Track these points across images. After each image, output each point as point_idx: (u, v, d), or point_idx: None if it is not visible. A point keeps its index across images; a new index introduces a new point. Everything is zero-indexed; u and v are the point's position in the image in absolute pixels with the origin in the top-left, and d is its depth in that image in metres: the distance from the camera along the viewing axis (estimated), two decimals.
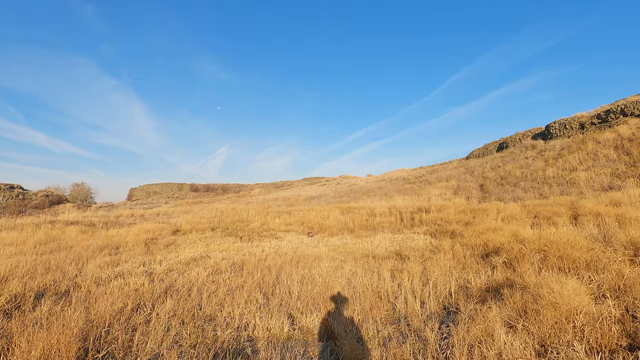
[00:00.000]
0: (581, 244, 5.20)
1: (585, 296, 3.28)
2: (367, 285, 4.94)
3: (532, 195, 13.72)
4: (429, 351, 2.95)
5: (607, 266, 4.44)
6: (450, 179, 21.57)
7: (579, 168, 14.60)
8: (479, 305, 3.77)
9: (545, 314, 3.13)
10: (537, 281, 3.79)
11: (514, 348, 2.73)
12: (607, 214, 7.95)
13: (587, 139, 16.79)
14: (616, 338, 2.80)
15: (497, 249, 6.31)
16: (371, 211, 15.06)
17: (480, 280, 4.72)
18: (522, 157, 19.73)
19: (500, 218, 10.13)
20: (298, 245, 9.57)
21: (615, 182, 11.95)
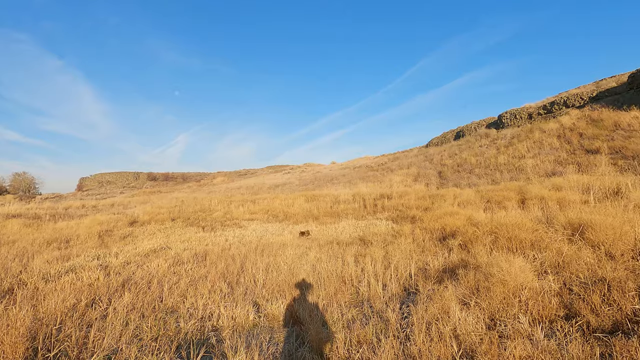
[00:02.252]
0: (527, 226, 5.63)
1: (529, 273, 3.58)
2: (332, 270, 5.04)
3: (486, 181, 14.57)
4: (390, 331, 3.08)
5: (549, 245, 4.85)
6: (411, 166, 22.32)
7: (527, 155, 15.68)
8: (437, 285, 3.99)
9: (495, 290, 3.38)
10: (489, 261, 4.06)
11: (467, 323, 2.92)
12: (550, 197, 8.64)
13: (534, 129, 18.02)
14: (555, 309, 3.09)
15: (453, 232, 6.66)
16: (335, 198, 15.26)
17: (438, 262, 4.97)
18: (477, 145, 20.81)
19: (456, 203, 10.68)
20: (263, 234, 9.52)
21: (558, 169, 13.00)
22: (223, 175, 47.81)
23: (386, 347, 2.71)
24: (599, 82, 20.26)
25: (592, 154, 12.98)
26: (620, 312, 2.84)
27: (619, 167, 11.12)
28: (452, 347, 2.60)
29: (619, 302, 2.94)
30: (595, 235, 4.70)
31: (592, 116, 15.74)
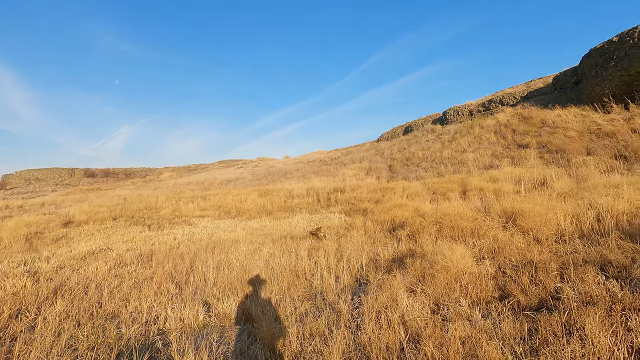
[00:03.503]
0: (468, 215, 6.04)
1: (469, 259, 3.84)
2: (285, 265, 5.02)
3: (432, 174, 15.40)
4: (342, 321, 3.14)
5: (486, 232, 5.25)
6: (363, 160, 22.89)
7: (468, 150, 16.81)
8: (386, 275, 4.14)
9: (439, 277, 3.58)
10: (434, 249, 4.30)
11: (414, 309, 3.07)
12: (487, 188, 9.35)
13: (474, 125, 19.34)
14: (491, 291, 3.36)
15: (402, 223, 6.95)
16: (289, 193, 15.21)
17: (388, 252, 5.16)
18: (424, 140, 21.87)
19: (405, 195, 11.15)
20: (214, 231, 9.21)
21: (495, 162, 14.09)
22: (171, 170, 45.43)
23: (338, 337, 2.76)
24: (529, 83, 22.23)
25: (523, 148, 14.25)
26: (544, 291, 3.16)
27: (545, 160, 12.33)
28: (400, 333, 2.72)
29: (544, 282, 3.27)
30: (525, 222, 5.17)
31: (523, 114, 17.25)
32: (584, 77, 15.58)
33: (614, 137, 11.50)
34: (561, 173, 9.76)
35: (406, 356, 2.46)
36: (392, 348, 2.59)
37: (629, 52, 12.90)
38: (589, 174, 8.91)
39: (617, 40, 13.57)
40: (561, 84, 17.97)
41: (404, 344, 2.60)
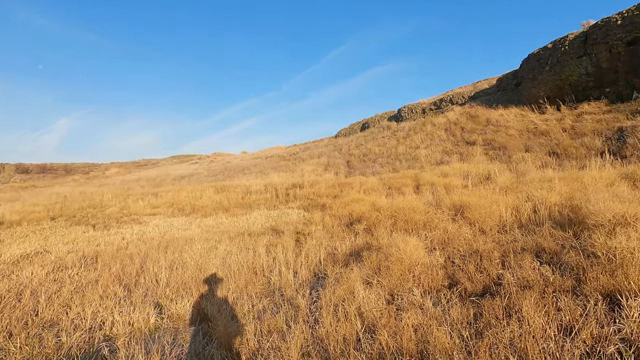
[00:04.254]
0: (421, 209, 6.32)
1: (422, 250, 4.03)
2: (243, 262, 4.93)
3: (387, 170, 15.90)
4: (300, 316, 3.16)
5: (437, 225, 5.54)
6: (322, 156, 23.06)
7: (421, 146, 17.56)
8: (344, 268, 4.22)
9: (393, 268, 3.72)
10: (389, 242, 4.45)
11: (370, 301, 3.16)
12: (438, 183, 9.84)
13: (427, 122, 20.23)
14: (441, 280, 3.55)
15: (359, 217, 7.11)
16: (247, 189, 14.92)
17: (345, 246, 5.26)
18: (380, 136, 22.50)
19: (362, 190, 11.41)
20: (167, 229, 8.80)
21: (445, 158, 14.87)
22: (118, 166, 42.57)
23: (296, 332, 2.76)
24: (476, 84, 23.66)
25: (471, 145, 15.17)
26: (488, 278, 3.40)
27: (490, 156, 13.24)
28: (357, 324, 2.79)
29: (488, 269, 3.52)
30: (472, 214, 5.52)
31: (470, 113, 18.36)
32: (523, 80, 16.89)
33: (548, 135, 12.62)
34: (503, 168, 10.54)
35: (362, 346, 2.53)
36: (349, 339, 2.65)
37: (560, 59, 14.18)
38: (527, 169, 9.71)
39: (551, 47, 14.86)
40: (504, 85, 19.34)
41: (360, 335, 2.66)
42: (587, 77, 13.26)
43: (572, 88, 13.82)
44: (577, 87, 13.66)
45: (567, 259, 3.30)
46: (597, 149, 10.14)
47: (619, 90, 12.32)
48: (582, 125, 11.88)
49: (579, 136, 11.40)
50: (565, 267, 3.20)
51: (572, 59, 13.74)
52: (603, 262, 2.93)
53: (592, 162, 8.59)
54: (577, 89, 13.67)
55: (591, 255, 3.16)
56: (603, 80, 12.85)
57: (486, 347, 2.18)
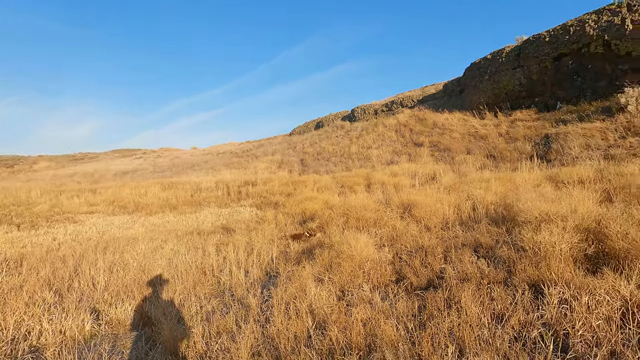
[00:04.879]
0: (371, 207, 6.52)
1: (371, 247, 4.16)
2: (191, 262, 4.73)
3: (341, 168, 16.19)
4: (251, 316, 3.11)
5: (387, 222, 5.75)
6: (276, 153, 22.86)
7: (373, 146, 18.12)
8: (296, 266, 4.22)
9: (344, 265, 3.80)
10: (340, 239, 4.53)
11: (321, 297, 3.20)
12: (388, 182, 10.23)
13: (378, 123, 20.91)
14: (389, 275, 3.70)
15: (312, 215, 7.16)
16: (197, 186, 14.35)
17: (298, 244, 5.27)
18: (334, 135, 22.83)
19: (316, 188, 11.51)
20: (106, 228, 8.17)
21: (395, 158, 15.49)
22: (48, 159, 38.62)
23: (246, 332, 2.72)
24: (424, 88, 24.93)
25: (419, 146, 15.96)
26: (432, 272, 3.61)
27: (435, 157, 14.04)
28: (308, 321, 2.81)
29: (432, 264, 3.73)
30: (418, 212, 5.81)
31: (419, 116, 19.30)
32: (466, 87, 18.12)
33: (487, 139, 13.67)
34: (447, 169, 11.23)
35: (313, 343, 2.55)
36: (300, 337, 2.66)
37: (498, 69, 15.42)
38: (468, 170, 10.45)
39: (490, 58, 16.09)
40: (449, 91, 20.58)
41: (311, 331, 2.69)
42: (521, 87, 14.56)
43: (508, 96, 15.10)
44: (512, 95, 14.95)
45: (500, 253, 3.60)
46: (527, 153, 11.18)
47: (546, 100, 13.70)
48: (515, 131, 13.03)
49: (513, 141, 12.49)
50: (499, 260, 3.49)
51: (508, 70, 15.00)
52: (530, 255, 3.24)
53: (523, 165, 9.47)
54: (512, 97, 14.96)
55: (520, 249, 3.48)
56: (533, 90, 14.19)
57: (428, 337, 2.31)
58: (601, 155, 8.96)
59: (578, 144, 9.94)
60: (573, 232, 3.39)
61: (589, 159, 8.74)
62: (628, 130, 9.55)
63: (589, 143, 9.85)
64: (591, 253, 3.21)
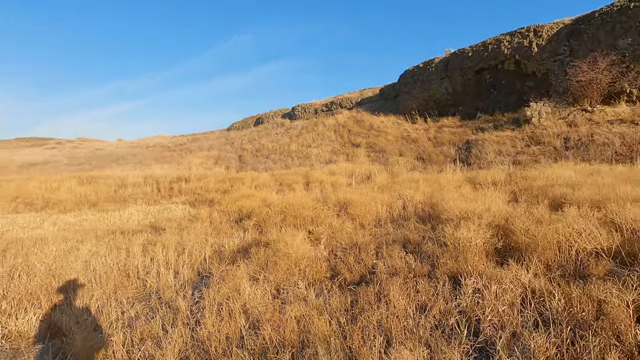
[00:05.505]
0: (309, 205, 6.59)
1: (308, 245, 4.21)
2: (113, 264, 4.32)
3: (280, 166, 16.10)
4: (180, 319, 2.94)
5: (324, 220, 5.86)
6: (212, 148, 21.94)
7: (312, 145, 18.34)
8: (230, 265, 4.10)
9: (280, 263, 3.79)
10: (277, 238, 4.50)
11: (256, 297, 3.15)
12: (327, 181, 10.43)
13: (318, 123, 21.22)
14: (324, 272, 3.77)
15: (249, 213, 7.01)
16: (122, 181, 13.17)
17: (234, 242, 5.12)
18: (274, 132, 22.63)
19: (254, 186, 11.30)
20: (7, 228, 7.11)
21: (333, 157, 15.86)
22: None
23: (174, 337, 2.57)
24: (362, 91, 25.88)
25: (356, 147, 16.55)
26: (365, 267, 3.77)
27: (371, 158, 14.68)
28: (241, 322, 2.74)
29: (365, 260, 3.89)
30: (354, 210, 6.02)
31: (357, 117, 20.00)
32: (400, 92, 19.22)
33: (417, 142, 14.67)
34: (382, 169, 11.81)
35: (245, 343, 2.50)
36: (232, 338, 2.59)
37: (429, 77, 16.62)
38: (400, 171, 11.10)
39: (422, 66, 17.27)
40: (385, 95, 21.65)
41: (243, 332, 2.63)
42: (447, 96, 15.87)
43: (437, 104, 16.36)
44: (440, 103, 16.23)
45: (426, 249, 3.89)
46: (451, 156, 12.24)
47: (468, 109, 15.12)
48: (442, 136, 14.18)
49: (440, 145, 13.57)
50: (424, 255, 3.77)
51: (437, 79, 16.25)
52: (451, 249, 3.55)
53: (448, 167, 10.35)
54: (440, 105, 16.24)
55: (443, 244, 3.79)
56: (458, 100, 15.57)
57: (359, 330, 2.40)
58: (511, 160, 10.16)
59: (493, 150, 11.14)
60: (486, 229, 3.79)
61: (501, 164, 9.86)
62: (532, 139, 10.96)
63: (502, 149, 11.11)
64: (500, 247, 3.63)
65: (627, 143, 8.80)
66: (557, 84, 11.95)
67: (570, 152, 9.61)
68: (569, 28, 11.89)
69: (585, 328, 2.15)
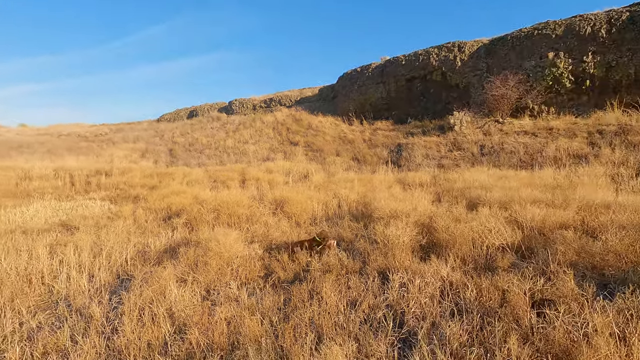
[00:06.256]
0: (245, 203, 6.43)
1: (241, 243, 4.09)
2: (10, 269, 3.75)
3: (215, 162, 15.45)
4: (93, 327, 2.65)
5: (259, 218, 5.76)
6: (139, 140, 20.26)
7: (250, 141, 17.93)
8: (156, 267, 3.82)
9: (212, 263, 3.63)
10: (209, 236, 4.30)
11: (183, 299, 2.97)
12: (264, 178, 10.28)
13: (257, 119, 20.80)
14: (258, 271, 3.71)
15: (179, 211, 6.60)
16: (26, 173, 11.50)
17: (160, 242, 4.78)
18: (209, 127, 21.64)
19: (185, 182, 10.67)
20: None
21: (271, 155, 15.69)
22: None
23: (85, 347, 2.30)
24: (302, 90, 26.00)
25: (294, 145, 16.57)
26: (299, 266, 3.78)
27: (309, 157, 14.82)
28: (166, 327, 2.56)
29: (299, 258, 3.90)
30: (290, 208, 6.01)
31: (296, 116, 20.04)
32: (338, 94, 19.70)
33: (353, 143, 15.18)
34: (319, 168, 11.99)
35: (169, 349, 2.34)
36: (154, 345, 2.41)
37: (365, 82, 17.30)
38: (337, 171, 11.39)
39: (360, 70, 17.91)
40: (324, 96, 22.01)
41: (168, 337, 2.46)
42: (382, 101, 16.68)
43: (372, 107, 17.09)
44: (376, 107, 16.98)
45: (358, 246, 4.04)
46: (384, 158, 12.89)
47: (400, 114, 16.05)
48: (376, 138, 14.85)
49: (374, 147, 14.20)
50: (357, 252, 3.91)
51: (373, 84, 16.98)
52: (381, 247, 3.73)
53: (381, 168, 10.88)
54: (376, 108, 16.99)
55: (374, 242, 3.97)
56: (391, 105, 16.44)
57: (291, 328, 2.40)
58: (436, 163, 11.03)
59: (421, 154, 11.99)
60: (413, 227, 4.06)
61: (427, 166, 10.66)
62: (454, 145, 12.02)
63: (428, 153, 12.01)
64: (424, 243, 3.91)
65: (529, 152, 10.12)
66: (476, 96, 13.28)
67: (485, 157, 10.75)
68: (487, 47, 13.29)
69: (492, 315, 2.41)
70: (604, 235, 3.20)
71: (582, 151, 9.02)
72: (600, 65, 10.60)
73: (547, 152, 9.52)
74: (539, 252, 3.29)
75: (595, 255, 3.00)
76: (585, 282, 2.56)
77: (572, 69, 11.07)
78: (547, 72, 11.45)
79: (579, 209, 4.29)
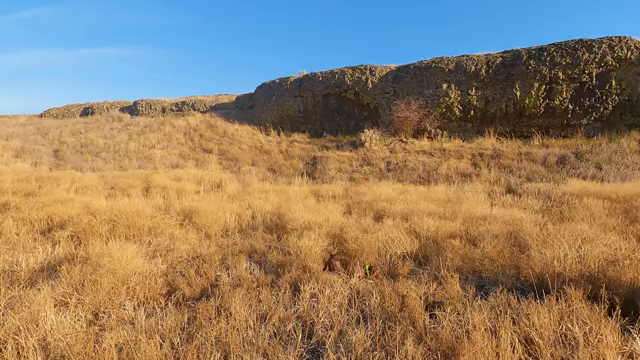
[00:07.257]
0: (147, 213, 5.84)
1: (141, 258, 3.69)
2: None
3: (113, 167, 13.80)
4: None
5: (164, 230, 5.29)
6: (13, 137, 17.02)
7: (157, 146, 16.51)
8: (27, 290, 3.20)
9: (103, 282, 3.19)
10: (101, 251, 3.80)
11: (63, 326, 2.54)
12: (171, 187, 9.52)
13: (166, 122, 19.32)
14: (160, 289, 3.38)
15: (64, 222, 5.69)
16: None
17: (35, 259, 4.03)
18: (108, 127, 19.34)
19: (74, 188, 9.27)
20: None
21: (181, 162, 14.67)
22: None
23: None
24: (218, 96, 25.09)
25: (208, 152, 15.79)
26: (207, 280, 3.56)
27: (223, 165, 14.28)
28: None
29: (208, 272, 3.68)
30: (200, 219, 5.66)
31: (210, 122, 19.19)
32: (256, 104, 19.54)
33: (270, 154, 15.13)
34: (233, 178, 11.61)
35: None
36: None
37: (283, 94, 17.52)
38: (252, 181, 11.17)
39: (278, 82, 18.08)
40: (241, 104, 21.59)
41: None
42: (299, 114, 17.05)
43: (290, 120, 17.34)
44: (293, 120, 17.28)
45: (271, 258, 3.99)
46: (300, 170, 13.12)
47: (317, 128, 16.62)
48: (292, 150, 15.07)
49: (290, 158, 14.37)
50: (269, 264, 3.86)
51: (291, 96, 17.28)
52: (294, 258, 3.75)
53: (296, 180, 11.03)
54: (293, 121, 17.29)
55: (287, 253, 3.97)
56: (308, 119, 16.92)
57: (194, 349, 2.23)
58: (348, 177, 11.65)
59: (334, 167, 12.54)
60: (325, 237, 4.19)
61: (340, 179, 11.18)
62: (364, 160, 12.88)
63: (342, 167, 12.62)
64: (335, 253, 4.05)
65: (427, 169, 11.41)
66: (384, 116, 14.52)
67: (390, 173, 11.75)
68: (394, 73, 14.70)
69: (393, 319, 2.60)
70: (482, 243, 3.75)
71: (468, 170, 10.51)
72: (481, 99, 12.60)
73: (441, 170, 10.84)
74: (433, 259, 3.69)
75: (475, 261, 3.48)
76: (468, 284, 2.95)
77: (461, 100, 12.93)
78: (442, 101, 13.16)
79: (464, 220, 4.96)
